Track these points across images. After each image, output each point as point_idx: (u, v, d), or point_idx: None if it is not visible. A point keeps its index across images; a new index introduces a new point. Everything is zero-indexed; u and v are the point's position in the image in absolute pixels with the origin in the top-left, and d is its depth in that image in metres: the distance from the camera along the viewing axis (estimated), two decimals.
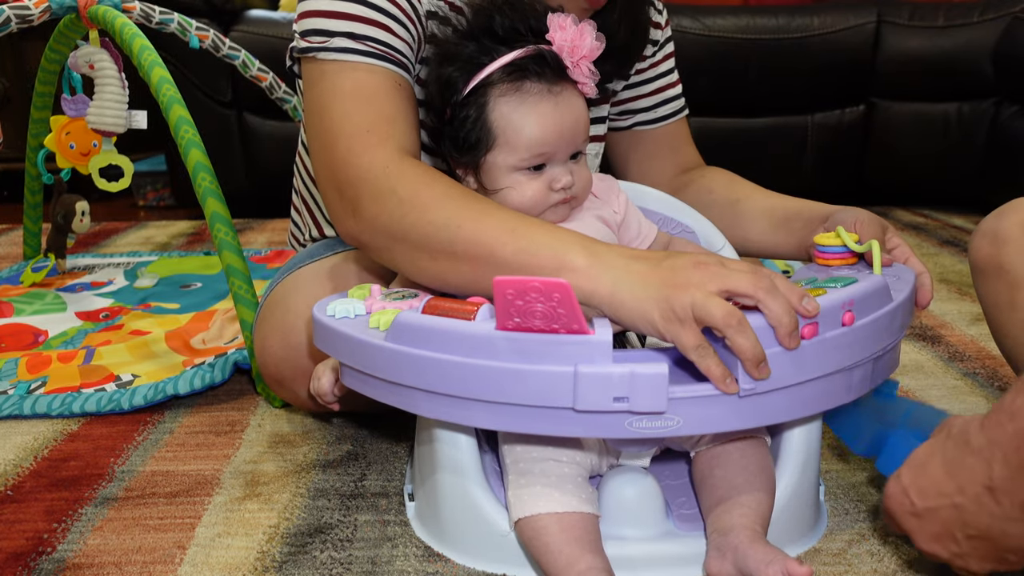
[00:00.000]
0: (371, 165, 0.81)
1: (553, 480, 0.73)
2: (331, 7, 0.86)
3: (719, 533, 0.73)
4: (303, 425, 1.08)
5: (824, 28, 2.34)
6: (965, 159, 2.37)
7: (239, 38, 2.23)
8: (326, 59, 0.86)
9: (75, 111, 1.51)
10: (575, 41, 0.81)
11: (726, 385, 0.65)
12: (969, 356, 1.29)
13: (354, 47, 0.85)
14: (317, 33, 0.86)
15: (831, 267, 0.84)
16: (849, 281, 0.74)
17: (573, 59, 0.81)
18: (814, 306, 0.67)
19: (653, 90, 1.13)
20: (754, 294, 0.65)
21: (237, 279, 1.13)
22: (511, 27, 0.81)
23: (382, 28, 0.86)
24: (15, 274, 1.77)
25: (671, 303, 0.65)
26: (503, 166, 0.81)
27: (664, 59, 1.13)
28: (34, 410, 1.11)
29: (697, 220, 0.98)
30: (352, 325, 0.75)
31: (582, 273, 0.70)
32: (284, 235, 2.19)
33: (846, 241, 0.82)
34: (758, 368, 0.64)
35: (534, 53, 0.81)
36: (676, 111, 1.15)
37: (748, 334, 0.64)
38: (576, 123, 0.82)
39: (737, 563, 0.70)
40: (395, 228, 0.79)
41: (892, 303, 0.75)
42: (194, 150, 1.19)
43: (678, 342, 0.65)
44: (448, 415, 0.70)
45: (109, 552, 0.81)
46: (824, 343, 0.68)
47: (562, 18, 0.82)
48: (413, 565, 0.78)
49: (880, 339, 0.73)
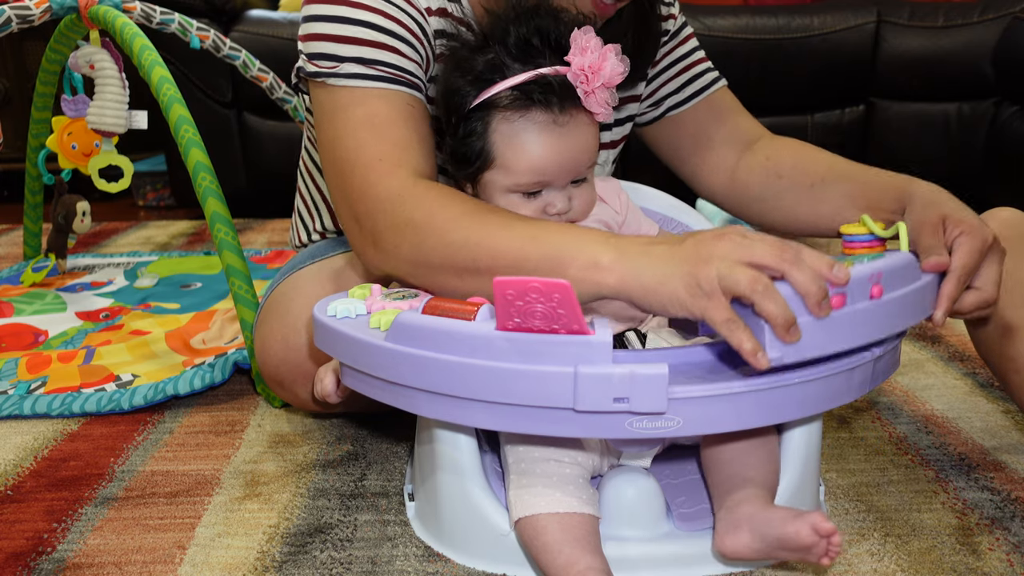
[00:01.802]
0: (386, 194, 0.80)
1: (554, 480, 0.73)
2: (339, 31, 0.84)
3: (728, 509, 0.72)
4: (303, 425, 1.08)
5: (824, 28, 2.34)
6: (965, 159, 2.37)
7: (239, 38, 2.23)
8: (336, 85, 0.84)
9: (75, 111, 1.51)
10: (595, 67, 0.77)
11: (757, 359, 0.63)
12: (969, 356, 1.29)
13: (365, 72, 0.84)
14: (326, 58, 0.85)
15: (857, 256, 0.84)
16: (877, 256, 0.74)
17: (590, 86, 0.78)
18: (845, 273, 0.65)
19: (676, 72, 1.08)
20: (779, 265, 0.64)
21: (237, 279, 1.13)
22: (527, 41, 0.79)
23: (391, 51, 0.84)
24: (15, 274, 1.77)
25: (697, 277, 0.64)
26: (499, 186, 0.81)
27: (680, 44, 1.08)
28: (34, 410, 1.11)
29: (698, 221, 0.98)
30: (353, 325, 0.74)
31: (609, 269, 0.69)
32: (284, 235, 2.19)
33: (872, 228, 0.81)
34: (788, 332, 0.63)
35: (543, 79, 0.78)
36: (708, 84, 1.08)
37: (776, 298, 0.63)
38: (580, 152, 0.80)
39: (755, 530, 0.69)
40: (416, 255, 0.78)
41: (922, 280, 0.74)
42: (194, 150, 1.19)
43: (707, 317, 0.64)
44: (448, 415, 0.70)
45: (109, 552, 0.81)
46: (854, 314, 0.67)
47: (586, 38, 0.78)
48: (413, 565, 0.78)
49: (910, 315, 0.72)
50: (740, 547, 0.70)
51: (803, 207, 0.98)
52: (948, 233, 0.80)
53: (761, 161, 1.03)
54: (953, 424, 1.06)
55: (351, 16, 0.85)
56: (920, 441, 1.01)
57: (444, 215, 0.77)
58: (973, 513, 0.86)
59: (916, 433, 1.03)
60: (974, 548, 0.80)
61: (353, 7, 0.85)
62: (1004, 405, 1.11)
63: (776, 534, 0.67)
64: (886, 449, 0.99)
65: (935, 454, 0.98)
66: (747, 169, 1.04)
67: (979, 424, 1.06)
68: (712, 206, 1.86)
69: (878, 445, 1.00)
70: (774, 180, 1.01)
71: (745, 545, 0.70)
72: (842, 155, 1.01)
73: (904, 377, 1.21)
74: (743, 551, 0.70)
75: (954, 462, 0.96)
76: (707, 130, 1.08)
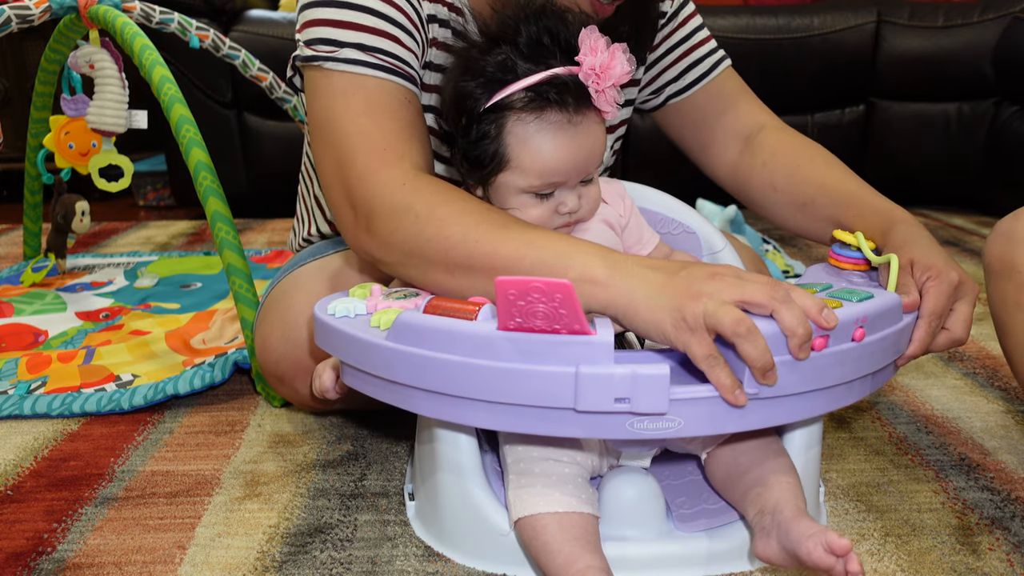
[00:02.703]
0: (389, 181, 0.80)
1: (554, 480, 0.73)
2: (339, 16, 0.84)
3: (763, 513, 0.72)
4: (303, 425, 1.08)
5: (824, 28, 2.34)
6: (965, 159, 2.38)
7: (239, 38, 2.23)
8: (335, 69, 0.84)
9: (75, 111, 1.51)
10: (605, 66, 0.77)
11: (735, 397, 0.64)
12: (969, 356, 1.29)
13: (365, 59, 0.83)
14: (325, 43, 0.84)
15: (842, 270, 0.84)
16: (865, 296, 0.74)
17: (600, 85, 0.77)
18: (834, 319, 0.67)
19: (676, 58, 1.07)
20: (768, 304, 0.65)
21: (238, 278, 1.13)
22: (537, 41, 0.78)
23: (392, 39, 0.84)
24: (15, 274, 1.77)
25: (683, 312, 0.65)
26: (512, 187, 0.80)
27: (680, 26, 1.07)
28: (34, 410, 1.11)
29: (698, 221, 0.98)
30: (353, 324, 0.74)
31: (601, 285, 0.70)
32: (284, 235, 2.19)
33: (863, 249, 0.81)
34: (765, 376, 0.64)
35: (557, 80, 0.77)
36: (709, 69, 1.07)
37: (757, 342, 0.64)
38: (592, 152, 0.80)
39: (780, 539, 0.69)
40: (411, 244, 0.78)
41: (901, 322, 0.75)
42: (195, 149, 1.19)
43: (689, 351, 0.65)
44: (449, 415, 0.69)
45: (109, 552, 0.81)
46: (832, 356, 0.68)
47: (595, 38, 0.77)
48: (413, 565, 0.78)
49: (886, 356, 0.74)
50: (771, 555, 0.70)
51: (795, 221, 1.00)
52: (917, 277, 0.80)
53: (759, 167, 1.03)
54: (953, 424, 1.06)
55: (351, 1, 0.84)
56: (920, 441, 1.01)
57: (446, 209, 0.77)
58: (973, 513, 0.86)
59: (916, 433, 1.03)
60: (974, 548, 0.80)
61: None
62: (1004, 405, 1.11)
63: (795, 549, 0.67)
64: (886, 449, 0.99)
65: (935, 454, 0.98)
66: (746, 170, 1.05)
67: (979, 424, 1.06)
68: (712, 205, 1.87)
69: (878, 445, 1.00)
70: (769, 191, 1.02)
71: (775, 553, 0.70)
72: (842, 155, 1.01)
73: (904, 377, 1.21)
74: (774, 559, 0.70)
75: (954, 462, 0.96)
76: (708, 119, 1.08)
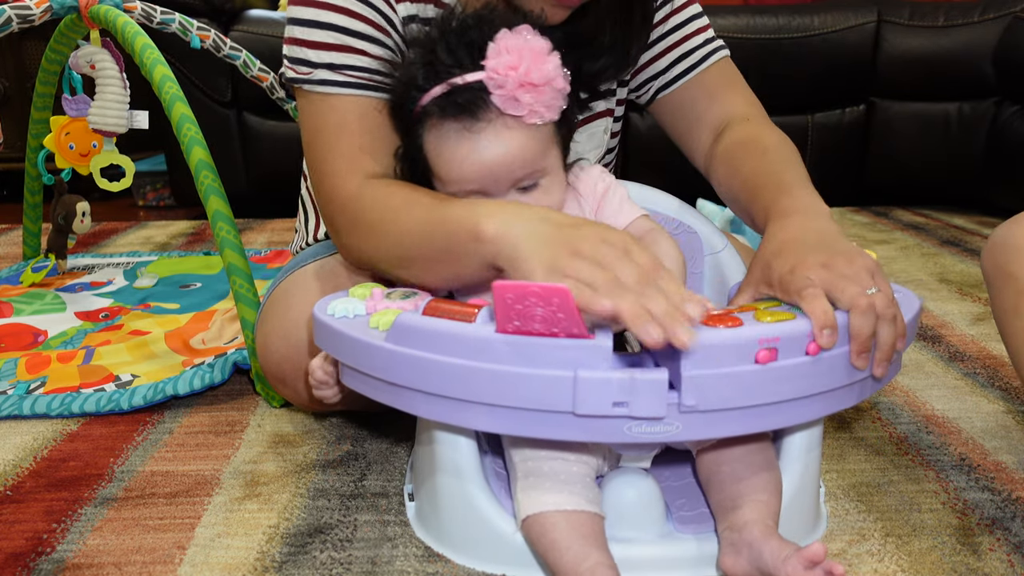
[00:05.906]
0: (345, 196, 0.87)
1: (562, 479, 0.73)
2: (311, 36, 0.88)
3: (732, 529, 0.72)
4: (303, 425, 1.08)
5: (824, 28, 2.34)
6: (965, 159, 2.38)
7: (239, 38, 2.23)
8: (312, 91, 0.89)
9: (76, 111, 1.51)
10: (511, 67, 0.75)
11: None
12: (969, 356, 1.29)
13: (334, 79, 0.88)
14: (301, 63, 0.89)
15: None
16: None
17: (507, 90, 0.75)
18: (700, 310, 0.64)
19: (663, 50, 1.04)
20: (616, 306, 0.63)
21: (239, 278, 1.13)
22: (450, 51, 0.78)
23: (359, 53, 0.88)
24: (15, 274, 1.77)
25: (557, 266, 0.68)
26: (444, 192, 0.83)
27: (670, 16, 1.04)
28: (33, 410, 1.11)
29: (698, 221, 0.97)
30: (352, 325, 0.74)
31: (488, 242, 0.73)
32: (284, 235, 2.19)
33: None
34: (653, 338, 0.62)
35: (455, 87, 0.77)
36: (693, 65, 1.04)
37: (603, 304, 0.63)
38: (507, 158, 0.78)
39: (752, 559, 0.69)
40: (373, 252, 0.86)
41: None
42: (196, 148, 1.19)
43: None
44: (448, 417, 0.69)
45: (109, 552, 0.81)
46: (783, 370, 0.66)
47: (510, 39, 0.76)
48: (413, 565, 0.78)
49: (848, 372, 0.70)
50: (739, 572, 0.70)
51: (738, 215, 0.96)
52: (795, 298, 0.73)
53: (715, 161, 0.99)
54: (953, 424, 1.06)
55: (319, 19, 0.88)
56: (920, 441, 1.01)
57: (386, 214, 0.83)
58: (973, 513, 0.86)
59: (916, 433, 1.03)
60: (974, 548, 0.80)
61: (320, 8, 0.88)
62: (1004, 405, 1.11)
63: (770, 571, 0.67)
64: (886, 449, 0.99)
65: (935, 454, 0.98)
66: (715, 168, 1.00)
67: (979, 424, 1.06)
68: (712, 205, 1.87)
69: (878, 445, 1.00)
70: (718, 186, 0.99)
71: (744, 571, 0.70)
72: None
73: (904, 377, 1.21)
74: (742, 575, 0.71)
75: (954, 462, 0.96)
76: (696, 110, 1.05)
